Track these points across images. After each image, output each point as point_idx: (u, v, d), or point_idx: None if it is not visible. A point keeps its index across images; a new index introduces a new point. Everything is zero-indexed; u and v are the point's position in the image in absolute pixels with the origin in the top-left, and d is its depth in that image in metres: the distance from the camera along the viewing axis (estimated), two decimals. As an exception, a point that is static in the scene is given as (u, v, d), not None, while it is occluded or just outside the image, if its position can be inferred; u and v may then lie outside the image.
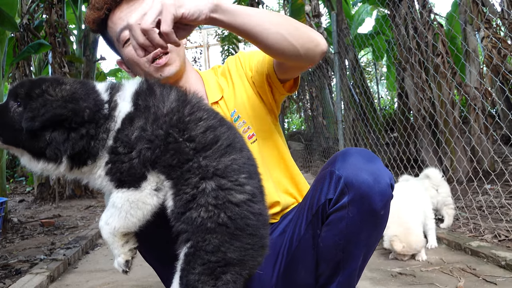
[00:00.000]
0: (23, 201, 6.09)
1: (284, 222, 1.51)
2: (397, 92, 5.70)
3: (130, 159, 1.02)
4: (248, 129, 1.46)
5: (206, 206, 1.01)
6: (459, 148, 4.26)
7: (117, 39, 1.38)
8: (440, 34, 4.15)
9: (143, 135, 1.02)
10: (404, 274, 2.34)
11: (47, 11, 5.78)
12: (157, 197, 1.05)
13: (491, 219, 3.00)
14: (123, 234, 1.07)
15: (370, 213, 1.22)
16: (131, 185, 1.03)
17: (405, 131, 4.66)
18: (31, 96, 1.02)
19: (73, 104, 1.00)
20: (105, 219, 1.06)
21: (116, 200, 1.04)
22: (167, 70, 1.38)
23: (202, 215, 1.01)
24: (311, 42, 1.23)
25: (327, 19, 9.29)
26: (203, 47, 14.46)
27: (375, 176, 1.20)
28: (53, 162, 1.03)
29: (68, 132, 1.01)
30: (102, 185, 1.08)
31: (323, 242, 1.30)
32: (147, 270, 2.68)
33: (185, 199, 1.02)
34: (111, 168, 1.04)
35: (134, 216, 1.04)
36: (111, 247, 1.08)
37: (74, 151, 1.02)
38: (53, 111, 0.98)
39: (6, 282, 2.48)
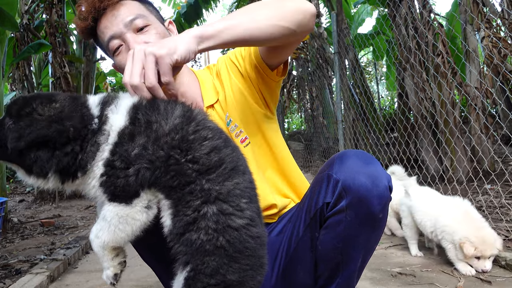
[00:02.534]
0: (23, 201, 6.09)
1: (282, 222, 1.51)
2: (397, 92, 5.70)
3: (127, 176, 1.01)
4: (241, 133, 1.45)
5: (206, 229, 1.01)
6: (459, 148, 4.25)
7: (107, 48, 1.38)
8: (440, 34, 4.15)
9: (144, 153, 1.01)
10: (404, 274, 2.34)
11: (47, 11, 5.78)
12: (147, 214, 1.05)
13: (491, 219, 2.99)
14: (113, 248, 1.07)
15: (368, 216, 1.21)
16: (122, 200, 1.03)
17: (405, 131, 4.66)
18: (20, 115, 1.02)
19: (58, 125, 1.00)
20: (95, 232, 1.06)
21: (106, 214, 1.05)
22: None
23: (201, 238, 1.01)
24: (301, 14, 1.20)
25: (327, 19, 9.28)
26: (203, 47, 14.44)
27: (373, 179, 1.19)
28: (42, 178, 1.05)
29: (52, 150, 1.01)
30: (96, 195, 1.08)
31: (322, 245, 1.30)
32: (147, 270, 2.68)
33: (185, 221, 1.02)
34: (105, 181, 1.03)
35: (123, 231, 1.04)
36: (100, 260, 1.09)
37: (59, 167, 1.03)
38: (37, 132, 0.99)
39: (6, 282, 2.48)
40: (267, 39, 1.18)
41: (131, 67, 1.05)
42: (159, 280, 1.55)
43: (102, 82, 9.63)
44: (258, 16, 1.16)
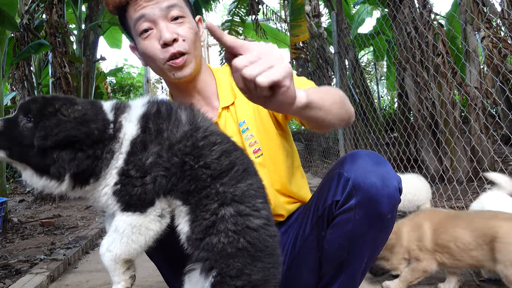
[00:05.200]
0: (23, 201, 6.09)
1: (288, 222, 1.51)
2: (397, 92, 5.70)
3: (144, 184, 1.01)
4: (255, 143, 1.43)
5: (226, 232, 1.01)
6: (459, 148, 4.25)
7: (134, 26, 1.34)
8: (440, 34, 4.15)
9: (159, 161, 1.02)
10: (404, 274, 2.34)
11: (47, 11, 5.78)
12: (160, 223, 1.05)
13: (491, 219, 2.99)
14: (125, 261, 1.06)
15: (377, 216, 1.21)
16: (137, 209, 1.03)
17: (405, 131, 4.66)
18: (43, 114, 1.02)
19: (85, 127, 1.00)
20: (106, 246, 1.05)
21: (118, 224, 1.04)
22: (181, 72, 1.35)
23: (222, 241, 1.01)
24: (348, 116, 1.26)
25: (327, 19, 9.29)
26: (203, 47, 14.46)
27: (383, 179, 1.19)
28: (56, 179, 1.03)
29: (75, 152, 1.01)
30: (107, 203, 1.06)
31: (328, 243, 1.30)
32: (147, 270, 2.68)
33: (204, 225, 1.02)
34: (120, 190, 1.03)
35: (136, 242, 1.04)
36: (111, 274, 1.07)
37: (79, 170, 1.02)
38: (67, 132, 0.99)
39: (6, 282, 2.48)
40: (319, 128, 1.22)
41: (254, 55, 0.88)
42: (160, 280, 1.55)
43: (102, 82, 9.63)
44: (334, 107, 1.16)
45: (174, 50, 1.31)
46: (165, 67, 1.34)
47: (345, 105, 1.25)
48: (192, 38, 1.35)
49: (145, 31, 1.32)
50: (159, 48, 1.32)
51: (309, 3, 8.28)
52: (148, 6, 1.29)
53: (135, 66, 16.08)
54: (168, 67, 1.34)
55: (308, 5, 8.07)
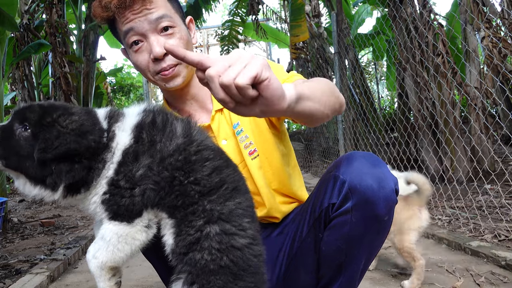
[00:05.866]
0: (23, 201, 6.08)
1: (284, 223, 1.51)
2: (397, 92, 5.70)
3: (132, 196, 1.02)
4: (250, 144, 1.43)
5: (209, 249, 1.01)
6: (459, 148, 4.25)
7: (123, 38, 1.34)
8: (440, 34, 4.15)
9: (149, 174, 1.02)
10: (404, 274, 2.34)
11: (47, 11, 5.78)
12: (147, 234, 1.06)
13: (491, 219, 3.00)
14: (111, 268, 1.06)
15: (374, 218, 1.21)
16: (124, 219, 1.03)
17: (405, 131, 4.66)
18: (42, 124, 1.01)
19: (85, 140, 1.00)
20: (92, 253, 1.06)
21: (105, 233, 1.04)
22: (173, 82, 1.35)
23: (205, 257, 1.01)
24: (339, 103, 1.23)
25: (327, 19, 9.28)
26: (203, 47, 14.46)
27: (379, 181, 1.19)
28: (50, 189, 1.03)
29: (73, 164, 1.01)
30: (96, 211, 1.07)
31: (325, 245, 1.30)
32: (147, 270, 2.68)
33: (188, 240, 1.02)
34: (109, 199, 1.03)
35: (122, 251, 1.04)
36: (97, 280, 1.08)
37: (74, 181, 1.02)
38: (67, 146, 0.98)
39: (6, 282, 2.48)
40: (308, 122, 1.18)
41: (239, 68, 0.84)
42: (160, 280, 1.55)
43: (102, 82, 9.63)
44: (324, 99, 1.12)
45: (165, 65, 1.31)
46: (157, 78, 1.35)
47: (335, 92, 1.22)
48: (184, 46, 1.34)
49: (135, 43, 1.32)
50: (150, 61, 1.32)
51: (309, 3, 8.28)
52: (136, 19, 1.28)
53: (135, 66, 16.07)
54: (159, 78, 1.34)
55: (308, 5, 8.07)
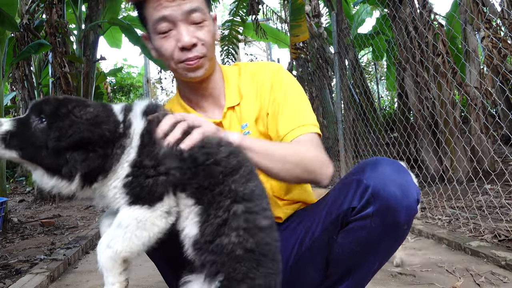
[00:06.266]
0: (23, 201, 6.09)
1: (290, 220, 1.50)
2: (397, 92, 5.70)
3: (157, 174, 1.01)
4: None
5: (237, 230, 1.01)
6: (459, 148, 4.25)
7: (153, 24, 1.33)
8: (440, 34, 4.15)
9: (173, 152, 1.02)
10: (404, 274, 2.34)
11: (47, 11, 5.78)
12: (166, 221, 1.04)
13: (491, 219, 3.00)
14: (124, 259, 1.03)
15: (393, 226, 1.20)
16: (145, 202, 1.01)
17: (405, 131, 4.66)
18: (57, 115, 1.02)
19: (98, 129, 1.01)
20: (106, 242, 1.02)
21: (123, 219, 1.02)
22: (195, 73, 1.36)
23: (233, 241, 1.00)
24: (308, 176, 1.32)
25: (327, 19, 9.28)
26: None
27: (403, 190, 1.18)
28: (67, 179, 1.03)
29: (88, 152, 1.02)
30: (115, 198, 1.05)
31: (339, 247, 1.29)
32: (147, 270, 2.68)
33: (216, 223, 1.01)
34: (131, 182, 1.02)
35: (140, 238, 1.02)
36: (106, 275, 1.04)
37: (89, 169, 1.02)
38: (81, 134, 0.99)
39: (6, 282, 2.48)
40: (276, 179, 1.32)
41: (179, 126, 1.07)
42: (160, 280, 1.55)
43: (102, 82, 9.63)
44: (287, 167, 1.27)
45: (192, 55, 1.32)
46: (179, 66, 1.35)
47: (307, 166, 1.30)
48: (210, 42, 1.35)
49: (163, 32, 1.31)
50: (176, 49, 1.32)
51: (309, 3, 8.28)
52: (169, 8, 1.27)
53: (135, 66, 16.10)
54: (182, 67, 1.34)
55: (308, 5, 8.07)
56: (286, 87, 1.45)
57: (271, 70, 1.48)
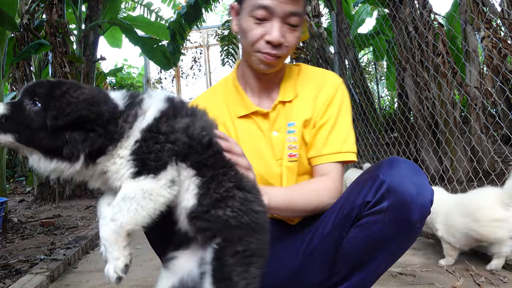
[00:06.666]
0: (23, 201, 6.09)
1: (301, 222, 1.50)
2: (397, 92, 5.70)
3: (166, 142, 1.03)
4: (294, 148, 1.45)
5: (232, 207, 1.06)
6: (459, 148, 4.25)
7: (251, 7, 1.32)
8: (440, 34, 4.15)
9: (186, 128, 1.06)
10: (404, 274, 2.34)
11: (47, 11, 5.78)
12: (171, 190, 1.03)
13: (491, 219, 2.99)
14: (128, 233, 1.01)
15: (406, 223, 1.20)
16: (150, 171, 1.01)
17: (405, 131, 4.66)
18: (52, 96, 1.01)
19: (96, 108, 1.01)
20: (111, 215, 1.00)
21: (128, 191, 1.01)
22: (266, 67, 1.39)
23: (227, 214, 1.05)
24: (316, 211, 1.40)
25: (327, 19, 9.28)
26: (203, 47, 14.46)
27: (419, 188, 1.19)
28: (68, 160, 1.01)
29: (87, 132, 1.01)
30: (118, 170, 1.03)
31: (349, 242, 1.29)
32: (147, 270, 2.68)
33: (214, 198, 1.06)
34: (140, 147, 1.02)
35: (145, 208, 1.00)
36: (109, 249, 1.00)
37: (93, 148, 1.02)
38: (79, 112, 0.99)
39: (6, 282, 2.48)
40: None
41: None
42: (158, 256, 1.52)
43: (102, 82, 9.62)
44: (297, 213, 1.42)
45: (273, 52, 1.34)
46: (256, 54, 1.36)
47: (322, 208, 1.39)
48: (293, 46, 1.39)
49: (258, 19, 1.32)
50: (261, 38, 1.33)
51: (309, 3, 8.27)
52: (275, 1, 1.29)
53: (134, 66, 16.09)
54: (258, 56, 1.36)
55: (308, 5, 8.07)
56: (341, 106, 1.48)
57: (334, 82, 1.50)
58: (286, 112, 1.46)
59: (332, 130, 1.44)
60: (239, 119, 1.48)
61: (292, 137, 1.44)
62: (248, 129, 1.47)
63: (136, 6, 8.61)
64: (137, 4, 8.42)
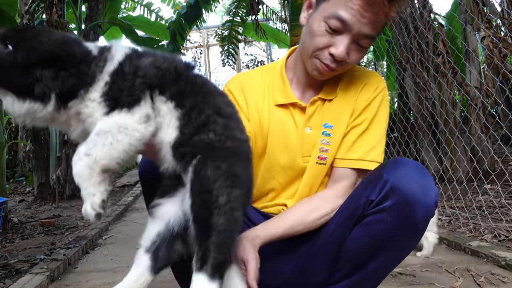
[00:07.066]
0: (23, 201, 6.08)
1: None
2: (397, 92, 5.70)
3: (135, 77, 1.02)
4: (326, 152, 1.41)
5: (215, 131, 1.05)
6: (459, 148, 4.25)
7: (329, 15, 1.27)
8: (440, 34, 4.15)
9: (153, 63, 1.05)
10: (404, 274, 2.34)
11: (47, 11, 5.77)
12: (146, 126, 1.02)
13: (491, 219, 3.00)
14: (103, 169, 0.98)
15: (409, 223, 1.19)
16: (124, 106, 1.00)
17: (405, 131, 4.66)
18: (24, 38, 1.02)
19: (68, 47, 1.02)
20: (84, 151, 0.97)
21: (103, 126, 0.99)
22: (319, 75, 1.37)
23: (211, 137, 1.04)
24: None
25: (327, 19, 9.27)
26: (203, 47, 14.47)
27: (423, 189, 1.17)
28: (40, 100, 1.01)
29: (58, 71, 1.01)
30: (92, 113, 1.02)
31: (353, 241, 1.29)
32: (147, 270, 2.68)
33: (196, 124, 1.04)
34: (110, 88, 1.02)
35: (120, 143, 0.98)
36: (83, 186, 0.97)
37: (64, 88, 1.01)
38: (50, 50, 0.99)
39: (6, 282, 2.48)
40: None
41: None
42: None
43: (102, 82, 9.62)
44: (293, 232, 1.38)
45: (333, 65, 1.31)
46: (314, 60, 1.33)
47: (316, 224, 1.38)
48: (353, 65, 1.37)
49: (330, 28, 1.27)
50: (326, 48, 1.30)
51: (309, 3, 8.27)
52: (355, 18, 1.24)
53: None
54: (315, 63, 1.34)
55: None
56: (378, 112, 1.43)
57: (377, 86, 1.45)
58: (324, 111, 1.43)
59: (362, 134, 1.40)
60: (276, 107, 1.45)
61: (326, 139, 1.41)
62: (282, 119, 1.44)
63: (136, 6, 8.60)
64: (137, 4, 8.41)
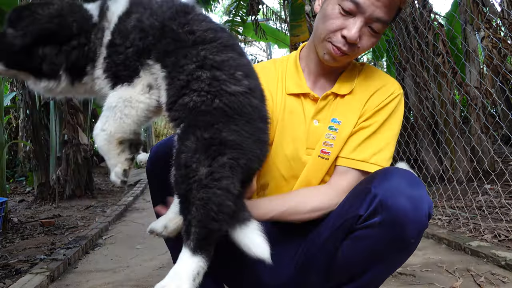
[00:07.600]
0: (23, 201, 6.08)
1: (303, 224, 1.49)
2: (397, 92, 5.68)
3: (126, 48, 1.03)
4: (330, 147, 1.38)
5: (198, 91, 0.99)
6: (459, 148, 4.25)
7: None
8: (440, 34, 4.15)
9: (137, 24, 1.04)
10: (404, 274, 2.34)
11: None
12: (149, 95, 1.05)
13: (491, 219, 3.00)
14: (119, 140, 1.05)
15: (399, 239, 1.16)
16: (124, 80, 1.03)
17: (405, 131, 4.66)
18: (21, 17, 1.05)
19: (59, 19, 1.03)
20: (100, 126, 1.05)
21: (110, 101, 1.04)
22: (331, 60, 1.35)
23: (194, 99, 0.99)
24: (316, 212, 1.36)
25: (327, 19, 9.27)
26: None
27: (413, 203, 1.12)
28: (53, 78, 1.05)
29: (59, 46, 1.03)
30: (100, 87, 1.07)
31: (342, 254, 1.27)
32: (147, 270, 2.68)
33: (178, 85, 1.01)
34: (108, 63, 1.04)
35: (129, 116, 1.03)
36: (107, 157, 1.07)
37: (69, 62, 1.04)
38: (41, 26, 1.02)
39: (6, 282, 2.48)
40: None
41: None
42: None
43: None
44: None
45: (345, 48, 1.29)
46: (326, 44, 1.32)
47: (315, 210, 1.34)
48: (366, 50, 1.35)
49: (344, 10, 1.27)
50: (339, 30, 1.29)
51: (309, 3, 8.28)
52: (369, 1, 1.24)
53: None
54: (327, 46, 1.32)
55: (308, 5, 8.06)
56: (390, 117, 1.40)
57: (393, 91, 1.41)
58: (335, 106, 1.41)
59: (369, 137, 1.37)
60: (288, 95, 1.43)
61: (331, 134, 1.38)
62: (293, 109, 1.42)
63: (136, 6, 8.60)
64: (137, 4, 8.41)
